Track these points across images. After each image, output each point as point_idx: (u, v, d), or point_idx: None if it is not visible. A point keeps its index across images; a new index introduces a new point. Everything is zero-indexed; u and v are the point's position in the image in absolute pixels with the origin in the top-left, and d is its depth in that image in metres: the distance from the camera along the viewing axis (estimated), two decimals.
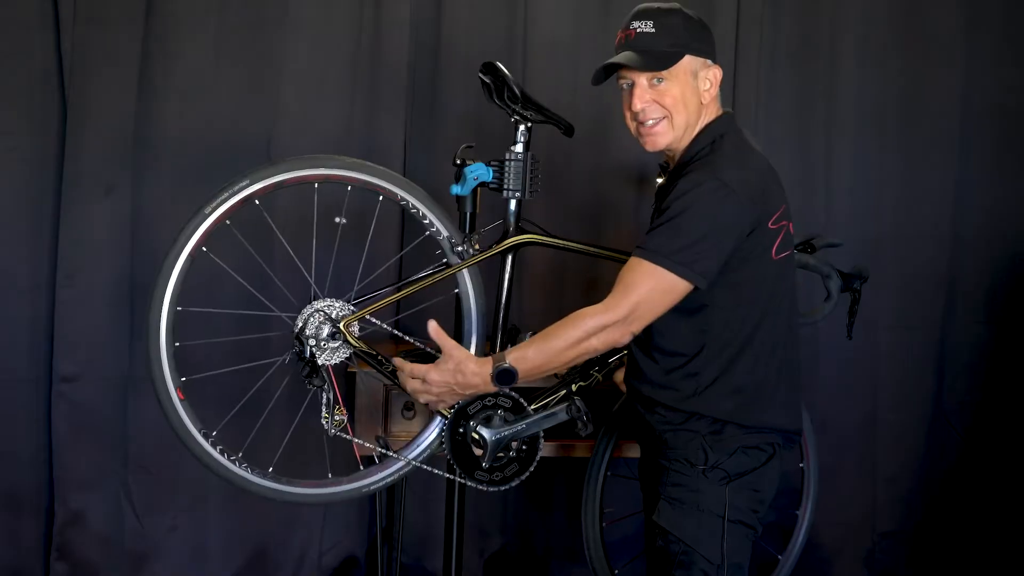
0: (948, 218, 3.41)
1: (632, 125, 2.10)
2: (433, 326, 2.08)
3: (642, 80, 2.04)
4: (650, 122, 2.06)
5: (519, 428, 2.24)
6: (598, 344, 1.98)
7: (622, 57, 2.03)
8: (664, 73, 2.02)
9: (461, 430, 2.25)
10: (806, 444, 2.73)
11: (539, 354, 2.01)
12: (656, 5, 2.07)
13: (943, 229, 3.41)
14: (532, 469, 2.28)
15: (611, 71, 2.07)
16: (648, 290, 1.95)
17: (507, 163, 2.28)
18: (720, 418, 2.02)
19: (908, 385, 3.42)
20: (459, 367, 2.06)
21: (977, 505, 3.43)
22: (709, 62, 2.07)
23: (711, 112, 2.08)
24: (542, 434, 2.28)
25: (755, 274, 2.00)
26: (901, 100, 3.38)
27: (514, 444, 2.27)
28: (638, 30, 2.03)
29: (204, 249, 2.15)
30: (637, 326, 1.98)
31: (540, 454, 2.28)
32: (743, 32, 3.29)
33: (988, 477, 3.42)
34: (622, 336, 1.98)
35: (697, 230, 1.92)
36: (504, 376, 2.02)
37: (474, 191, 2.31)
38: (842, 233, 3.26)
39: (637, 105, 2.05)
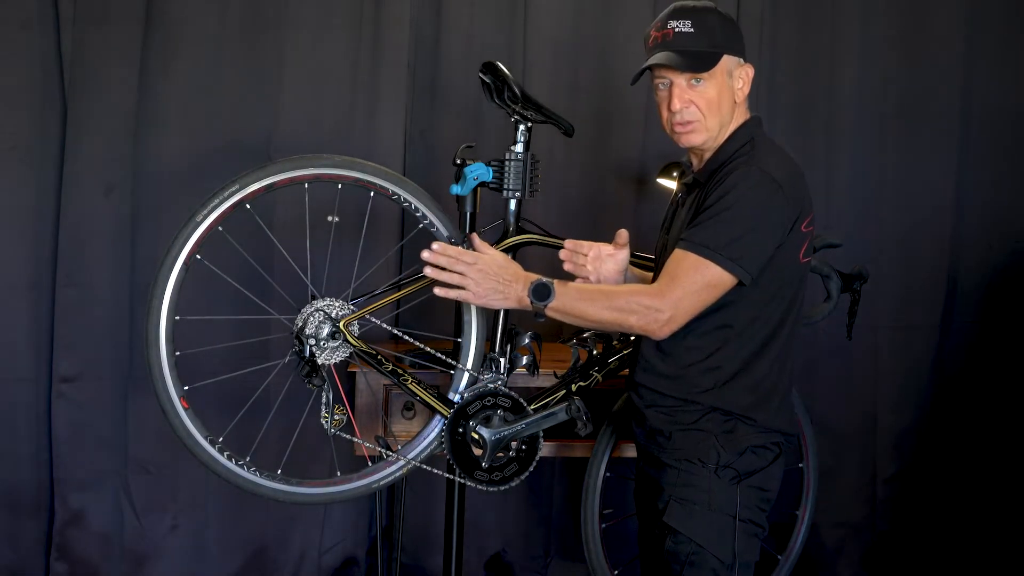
0: (948, 218, 3.41)
1: (667, 122, 2.08)
2: (476, 238, 2.07)
3: (681, 80, 2.03)
4: (688, 121, 2.05)
5: (518, 428, 2.24)
6: (635, 322, 1.94)
7: (663, 57, 2.02)
8: (703, 74, 2.02)
9: (460, 430, 2.25)
10: (806, 444, 2.73)
11: (580, 296, 1.97)
12: (692, 3, 2.06)
13: (943, 229, 3.41)
14: (531, 469, 2.28)
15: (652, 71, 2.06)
16: (693, 283, 1.93)
17: (507, 163, 2.28)
18: (737, 413, 2.02)
19: (908, 385, 3.42)
20: (510, 263, 2.02)
21: (977, 505, 3.43)
22: (742, 61, 2.08)
23: (743, 112, 2.10)
24: (541, 434, 2.27)
25: (784, 274, 2.00)
26: (901, 100, 3.38)
27: (513, 444, 2.27)
28: (676, 29, 2.02)
29: (198, 256, 2.15)
30: (677, 322, 1.95)
31: (539, 454, 2.28)
32: (743, 32, 3.28)
33: (988, 477, 3.42)
34: (660, 326, 1.93)
35: (746, 224, 1.92)
36: (540, 290, 1.95)
37: (474, 191, 2.31)
38: (842, 233, 3.27)
39: (676, 105, 2.04)
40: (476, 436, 2.24)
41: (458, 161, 2.30)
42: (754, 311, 2.00)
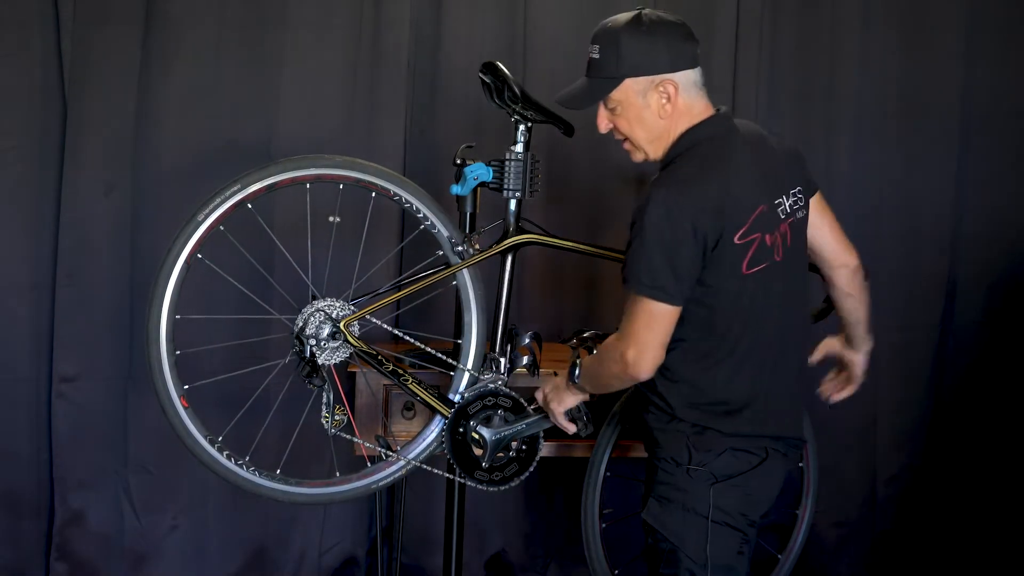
0: (948, 218, 3.40)
1: None
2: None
3: (600, 106, 2.04)
4: (620, 141, 2.07)
5: (519, 428, 2.24)
6: (616, 370, 2.00)
7: (561, 96, 2.07)
8: (609, 101, 2.01)
9: (461, 430, 2.25)
10: (805, 444, 2.73)
11: (590, 367, 2.11)
12: (609, 23, 2.02)
13: (943, 229, 3.41)
14: (532, 469, 2.28)
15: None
16: (639, 318, 1.95)
17: (507, 163, 2.28)
18: (696, 423, 2.02)
19: (908, 385, 3.42)
20: (547, 384, 2.25)
21: (977, 505, 3.43)
22: (658, 78, 1.98)
23: (685, 121, 2.01)
24: (542, 434, 2.28)
25: (723, 289, 1.97)
26: (901, 100, 3.38)
27: (514, 444, 2.27)
28: (590, 55, 2.03)
29: (199, 256, 2.15)
30: (646, 356, 1.95)
31: (540, 454, 2.29)
32: (743, 32, 3.29)
33: (988, 477, 3.42)
34: (631, 366, 1.96)
35: (650, 252, 1.90)
36: (572, 370, 2.14)
37: (474, 191, 2.32)
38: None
39: (600, 129, 2.06)
40: (476, 436, 2.24)
41: (458, 161, 2.30)
42: (700, 328, 1.99)
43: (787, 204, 2.03)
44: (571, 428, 2.21)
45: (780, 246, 2.01)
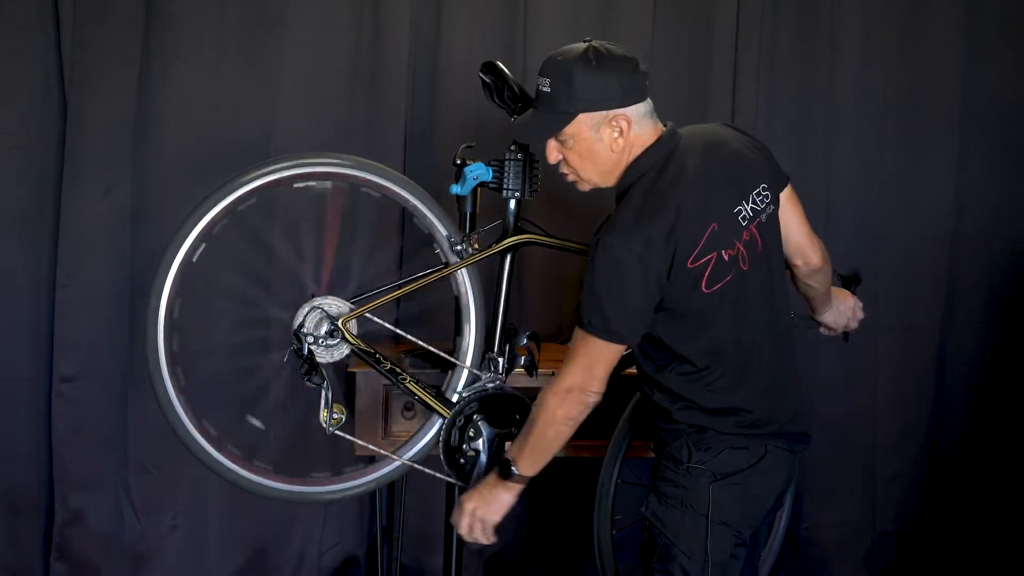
0: (948, 218, 3.40)
1: None
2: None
3: (550, 138, 2.03)
4: (565, 174, 2.08)
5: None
6: (565, 413, 2.01)
7: (515, 128, 2.09)
8: (562, 135, 2.00)
9: (459, 457, 2.27)
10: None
11: (523, 445, 2.09)
12: (559, 56, 2.00)
13: (943, 229, 3.41)
14: None
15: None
16: (585, 355, 1.98)
17: (507, 163, 2.29)
18: (694, 423, 2.03)
19: (908, 385, 3.42)
20: (478, 486, 2.17)
21: (977, 505, 3.43)
22: (611, 113, 1.97)
23: (636, 150, 2.02)
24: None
25: (687, 311, 1.98)
26: (901, 100, 3.38)
27: (514, 431, 2.28)
28: (540, 87, 2.02)
29: (200, 251, 2.15)
30: (596, 386, 2.00)
31: None
32: (743, 32, 3.29)
33: (988, 477, 3.42)
34: (584, 398, 1.99)
35: (609, 295, 1.93)
36: (504, 467, 2.11)
37: (474, 191, 2.32)
38: (842, 233, 3.27)
39: (550, 160, 2.05)
40: (476, 451, 2.27)
41: (458, 161, 2.30)
42: (676, 345, 2.01)
43: (748, 208, 2.01)
44: (493, 539, 2.20)
45: (744, 255, 2.00)
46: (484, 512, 2.14)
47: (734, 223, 1.99)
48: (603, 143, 2.00)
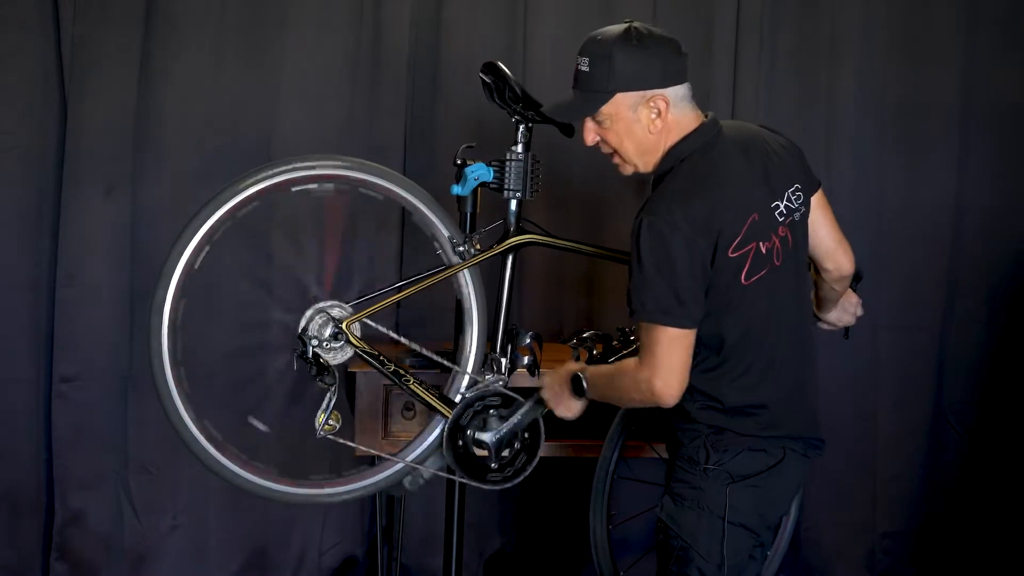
0: (948, 218, 3.40)
1: None
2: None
3: (587, 119, 2.02)
4: (608, 155, 2.06)
5: (516, 421, 2.26)
6: (638, 398, 1.98)
7: (551, 108, 2.06)
8: (599, 115, 1.99)
9: (460, 442, 2.26)
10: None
11: (600, 383, 2.10)
12: (599, 35, 1.99)
13: (943, 229, 3.41)
14: (540, 452, 2.29)
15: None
16: (658, 344, 1.92)
17: (508, 163, 2.28)
18: (713, 423, 2.02)
19: (908, 385, 3.42)
20: (551, 375, 2.21)
21: (977, 505, 3.43)
22: (650, 93, 1.96)
23: (674, 134, 1.99)
24: (541, 419, 2.28)
25: (726, 303, 1.95)
26: (901, 100, 3.38)
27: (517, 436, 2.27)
28: (579, 66, 2.00)
29: (204, 253, 2.15)
30: (670, 382, 1.93)
31: (543, 438, 2.29)
32: (743, 32, 3.29)
33: (988, 477, 3.42)
34: (657, 394, 1.94)
35: (650, 279, 1.89)
36: (577, 384, 2.13)
37: (474, 191, 2.31)
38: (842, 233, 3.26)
39: (587, 142, 2.04)
40: (477, 443, 2.26)
41: (458, 161, 2.30)
42: (713, 344, 1.99)
43: (784, 206, 2.01)
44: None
45: (779, 250, 1.99)
46: (558, 406, 2.19)
47: (771, 217, 1.98)
48: (641, 124, 1.97)
